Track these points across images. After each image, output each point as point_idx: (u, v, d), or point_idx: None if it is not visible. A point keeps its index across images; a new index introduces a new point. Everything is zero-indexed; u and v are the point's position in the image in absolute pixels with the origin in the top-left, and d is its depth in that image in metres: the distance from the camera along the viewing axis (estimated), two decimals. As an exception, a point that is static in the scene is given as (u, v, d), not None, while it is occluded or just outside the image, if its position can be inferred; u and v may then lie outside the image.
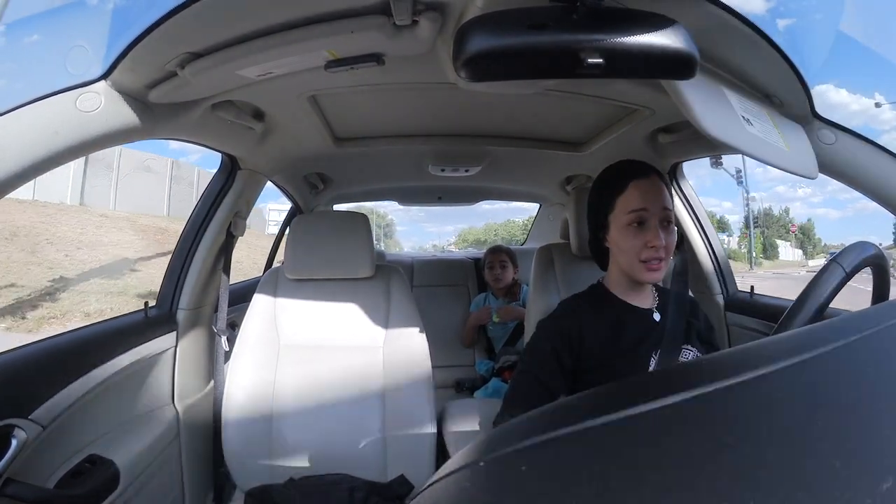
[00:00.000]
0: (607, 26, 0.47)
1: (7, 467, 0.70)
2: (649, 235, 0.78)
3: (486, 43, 0.47)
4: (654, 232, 0.78)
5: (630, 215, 0.79)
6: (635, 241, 0.79)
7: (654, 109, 1.01)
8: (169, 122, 0.84)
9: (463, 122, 1.24)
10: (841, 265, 0.59)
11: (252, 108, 1.03)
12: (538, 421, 0.23)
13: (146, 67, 0.70)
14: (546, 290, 1.08)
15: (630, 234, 0.80)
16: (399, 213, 42.33)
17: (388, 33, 0.65)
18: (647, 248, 0.78)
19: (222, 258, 1.28)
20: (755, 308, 1.26)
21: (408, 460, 1.09)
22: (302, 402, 1.11)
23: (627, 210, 0.80)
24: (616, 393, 0.23)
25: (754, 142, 0.62)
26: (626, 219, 0.80)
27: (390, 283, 1.19)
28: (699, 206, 1.39)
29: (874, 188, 0.79)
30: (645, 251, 0.78)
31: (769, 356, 0.26)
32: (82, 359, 0.89)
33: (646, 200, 0.79)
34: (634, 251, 0.79)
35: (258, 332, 1.15)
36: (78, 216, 8.88)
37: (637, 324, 0.84)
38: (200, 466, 1.22)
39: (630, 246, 0.80)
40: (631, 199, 0.80)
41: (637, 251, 0.79)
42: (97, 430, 0.92)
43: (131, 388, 1.02)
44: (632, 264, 0.80)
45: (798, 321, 0.57)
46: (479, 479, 0.20)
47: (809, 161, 0.70)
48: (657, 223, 0.79)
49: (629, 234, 0.80)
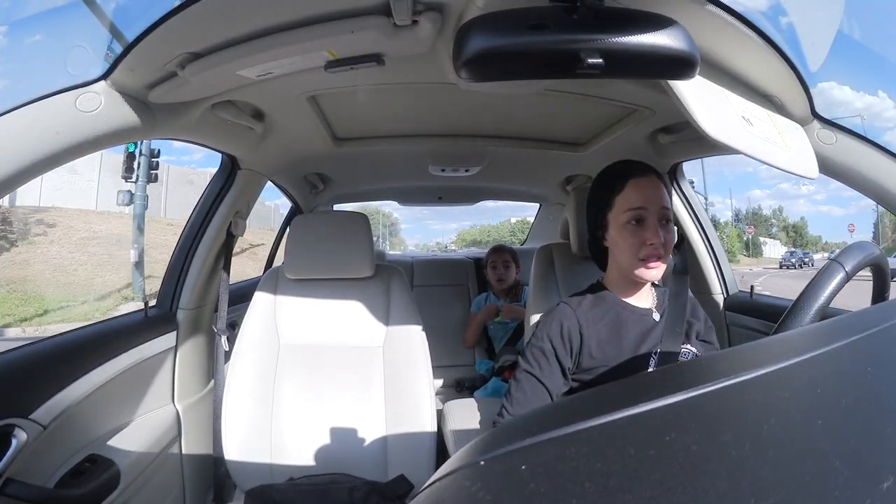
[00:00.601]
0: (607, 26, 0.47)
1: (7, 467, 0.70)
2: (648, 233, 0.78)
3: (486, 43, 0.47)
4: (653, 230, 0.78)
5: (628, 213, 0.80)
6: (634, 239, 0.79)
7: (654, 109, 1.01)
8: (169, 122, 0.84)
9: (463, 122, 1.24)
10: (841, 265, 0.59)
11: (252, 108, 1.03)
12: (538, 420, 0.23)
13: (146, 67, 0.70)
14: (546, 290, 1.08)
15: (628, 232, 0.80)
16: (403, 211, 43.02)
17: (388, 33, 0.65)
18: (645, 246, 0.79)
19: (222, 258, 1.28)
20: (755, 308, 1.26)
21: (408, 460, 1.09)
22: (302, 401, 1.11)
23: (626, 209, 0.80)
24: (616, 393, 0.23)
25: (754, 142, 0.62)
26: (625, 217, 0.80)
27: (390, 283, 1.19)
28: (699, 207, 1.39)
29: (874, 188, 0.79)
30: (643, 249, 0.79)
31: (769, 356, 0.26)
32: (82, 359, 0.89)
33: (644, 199, 0.80)
34: (633, 249, 0.80)
35: (258, 331, 1.15)
36: (150, 225, 9.81)
37: (637, 323, 0.84)
38: (200, 466, 1.22)
39: (629, 244, 0.80)
40: (629, 197, 0.81)
41: (636, 249, 0.79)
42: (97, 430, 0.92)
43: (131, 388, 1.02)
44: (631, 262, 0.81)
45: (798, 321, 0.57)
46: (478, 478, 0.20)
47: (809, 161, 0.70)
48: (656, 221, 0.79)
49: (628, 233, 0.80)
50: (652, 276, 0.80)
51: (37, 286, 9.08)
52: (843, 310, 0.73)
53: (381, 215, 27.64)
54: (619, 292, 0.87)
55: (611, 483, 0.18)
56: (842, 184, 0.82)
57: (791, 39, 0.66)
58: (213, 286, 1.28)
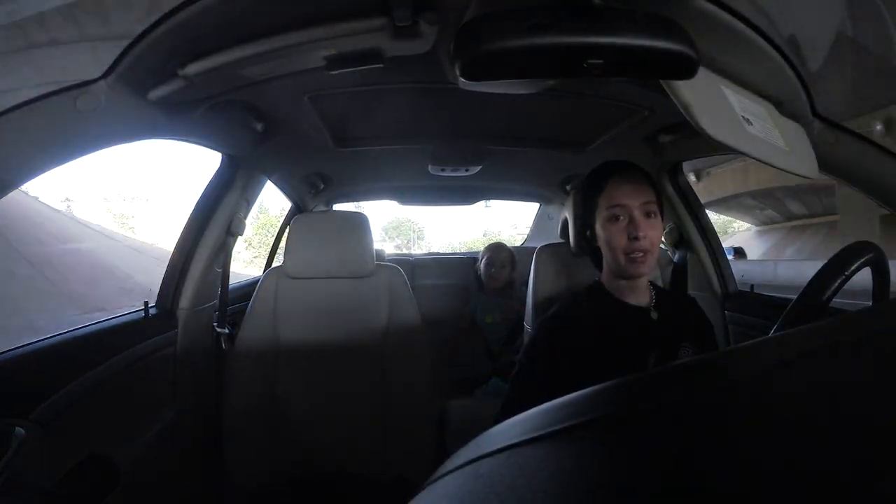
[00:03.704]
0: (607, 26, 0.47)
1: (7, 467, 0.70)
2: (630, 227, 0.80)
3: (486, 43, 0.47)
4: (635, 224, 0.80)
5: (609, 210, 0.82)
6: (618, 236, 0.81)
7: (654, 109, 1.01)
8: (169, 122, 0.84)
9: (463, 122, 1.24)
10: (841, 265, 0.59)
11: (252, 108, 1.03)
12: (538, 419, 0.23)
13: (146, 67, 0.70)
14: (545, 290, 1.08)
15: (612, 229, 0.82)
16: (427, 217, 44.89)
17: (388, 33, 0.65)
18: (629, 240, 0.80)
19: (222, 257, 1.28)
20: (754, 306, 1.26)
21: (408, 459, 1.09)
22: (301, 400, 1.11)
23: (607, 206, 0.82)
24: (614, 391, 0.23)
25: (754, 142, 0.62)
26: (606, 214, 0.82)
27: (390, 282, 1.19)
28: (699, 206, 1.39)
29: (874, 188, 0.79)
30: (628, 244, 0.80)
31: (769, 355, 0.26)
32: (82, 358, 0.89)
33: (623, 195, 0.81)
34: (619, 246, 0.81)
35: (258, 330, 1.15)
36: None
37: (635, 323, 0.84)
38: (200, 466, 1.22)
39: (614, 242, 0.81)
40: (610, 196, 0.82)
41: (621, 246, 0.81)
42: (97, 429, 0.92)
43: (131, 388, 1.02)
44: (617, 259, 0.82)
45: (798, 321, 0.57)
46: (478, 477, 0.21)
47: (809, 161, 0.70)
48: (638, 216, 0.80)
49: (611, 230, 0.82)
50: (640, 271, 0.81)
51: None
52: (844, 309, 0.73)
53: (411, 222, 31.85)
54: (615, 291, 0.87)
55: (610, 482, 0.18)
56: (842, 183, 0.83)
57: (791, 39, 0.66)
58: (213, 286, 1.28)
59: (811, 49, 0.68)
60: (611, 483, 0.18)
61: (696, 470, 0.19)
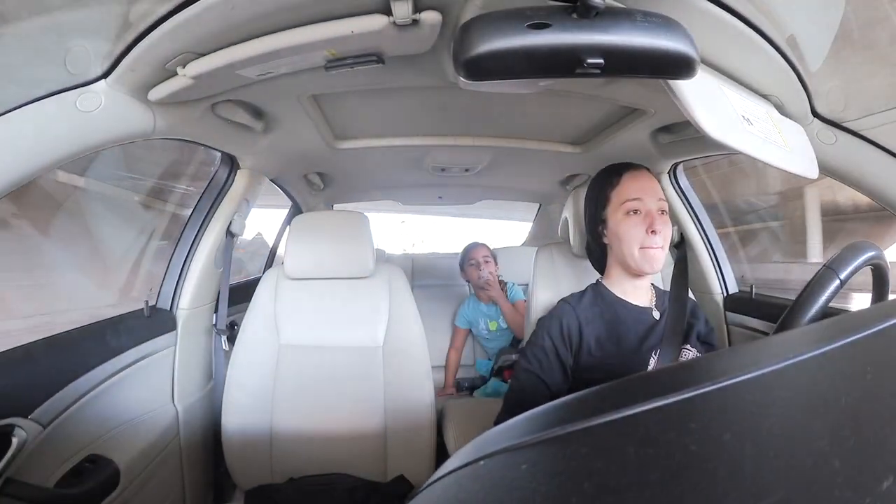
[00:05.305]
0: (607, 26, 0.47)
1: (7, 467, 0.69)
2: (648, 220, 0.80)
3: (486, 43, 0.47)
4: (652, 217, 0.80)
5: (626, 204, 0.82)
6: (634, 229, 0.81)
7: (654, 109, 1.01)
8: (169, 122, 0.83)
9: (463, 122, 1.24)
10: (841, 265, 0.59)
11: (252, 108, 1.03)
12: (538, 420, 0.23)
13: (146, 67, 0.70)
14: (546, 290, 1.08)
15: (629, 222, 0.81)
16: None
17: (388, 33, 0.65)
18: (646, 235, 0.80)
19: (222, 258, 1.28)
20: (755, 308, 1.26)
21: (408, 460, 1.09)
22: (302, 401, 1.11)
23: (623, 200, 0.82)
24: (615, 392, 0.23)
25: (754, 142, 0.62)
26: (624, 208, 0.82)
27: (390, 282, 1.19)
28: (699, 206, 1.38)
29: (874, 188, 0.79)
30: (645, 238, 0.80)
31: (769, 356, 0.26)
32: (82, 358, 0.89)
33: (640, 190, 0.82)
34: (635, 239, 0.81)
35: (258, 331, 1.15)
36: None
37: (636, 323, 0.84)
38: (200, 466, 1.22)
39: (630, 235, 0.81)
40: (626, 189, 0.82)
41: (638, 238, 0.80)
42: (97, 429, 0.92)
43: (131, 388, 1.02)
44: (632, 253, 0.81)
45: (798, 321, 0.57)
46: (479, 478, 0.21)
47: (809, 161, 0.70)
48: (654, 211, 0.81)
49: (628, 223, 0.81)
50: (652, 267, 0.81)
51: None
52: (844, 310, 0.73)
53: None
54: (618, 291, 0.87)
55: (610, 483, 0.18)
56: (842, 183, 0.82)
57: (791, 39, 0.66)
58: (213, 286, 1.28)
59: (811, 49, 0.68)
60: (611, 484, 0.18)
61: (696, 470, 0.19)
